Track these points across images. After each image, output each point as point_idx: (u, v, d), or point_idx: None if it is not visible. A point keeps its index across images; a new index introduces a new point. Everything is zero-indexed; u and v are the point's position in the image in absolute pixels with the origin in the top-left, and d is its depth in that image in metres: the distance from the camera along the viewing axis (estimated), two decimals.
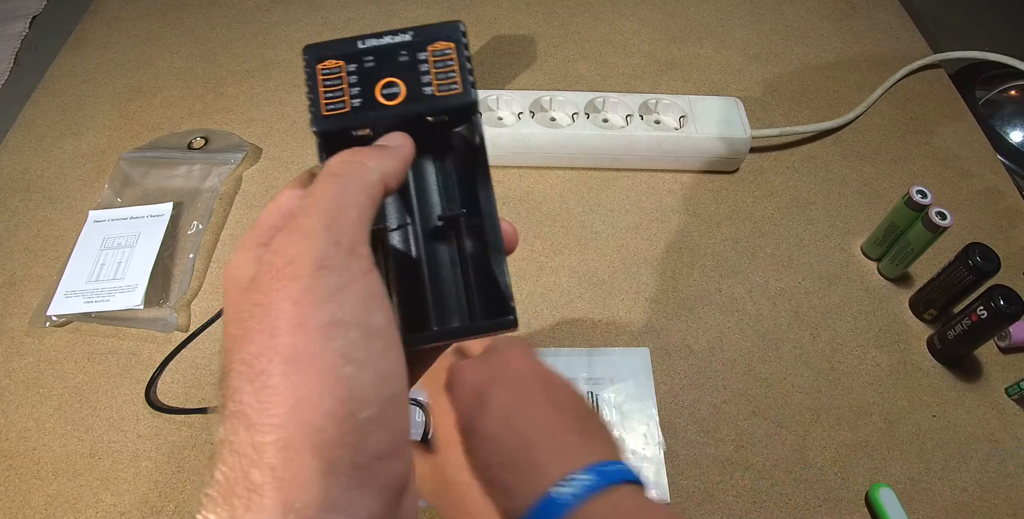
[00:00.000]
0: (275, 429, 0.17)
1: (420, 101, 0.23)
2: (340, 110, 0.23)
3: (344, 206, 0.20)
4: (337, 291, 0.18)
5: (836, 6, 0.75)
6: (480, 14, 0.73)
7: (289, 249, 0.18)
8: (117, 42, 0.70)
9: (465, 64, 0.24)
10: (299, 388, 0.17)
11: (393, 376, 0.19)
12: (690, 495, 0.42)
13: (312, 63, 0.24)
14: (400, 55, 0.24)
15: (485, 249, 0.24)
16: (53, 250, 0.53)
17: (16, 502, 0.41)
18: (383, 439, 0.18)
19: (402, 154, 0.22)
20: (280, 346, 0.18)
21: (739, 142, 0.56)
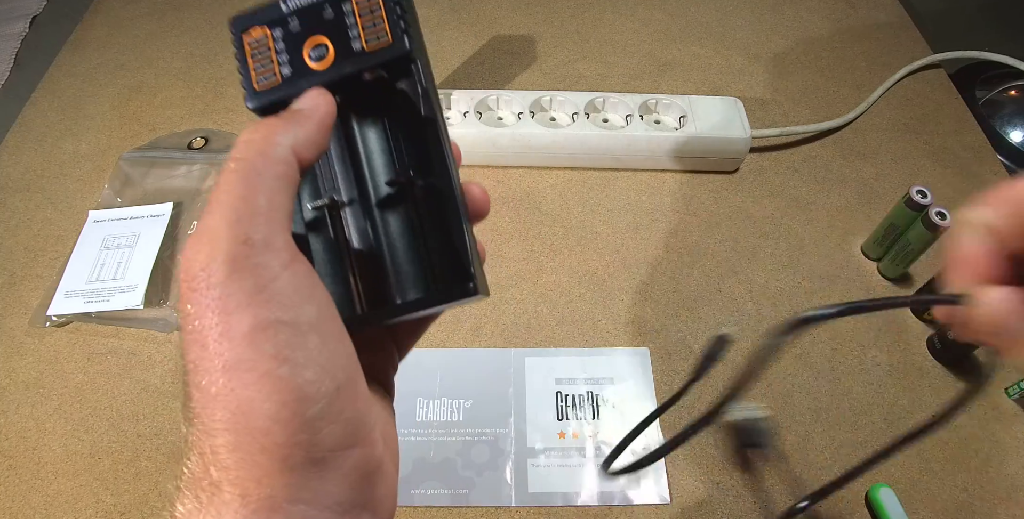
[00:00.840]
0: (223, 433, 0.17)
1: (349, 59, 0.21)
2: (271, 82, 0.22)
3: (248, 197, 0.18)
4: (257, 292, 0.17)
5: (836, 6, 0.75)
6: (480, 14, 0.73)
7: (199, 255, 0.17)
8: (117, 42, 0.70)
9: (394, 10, 0.21)
10: (238, 395, 0.17)
11: (336, 367, 0.18)
12: (690, 495, 0.42)
13: (238, 35, 0.22)
14: (324, 11, 0.22)
15: (442, 214, 0.22)
16: (53, 250, 0.53)
17: (16, 502, 0.41)
18: (335, 432, 0.18)
19: (315, 115, 0.20)
20: (212, 356, 0.17)
21: (739, 142, 0.56)
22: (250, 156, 0.19)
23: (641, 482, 0.42)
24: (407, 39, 0.21)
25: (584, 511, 0.42)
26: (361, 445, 0.19)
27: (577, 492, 0.42)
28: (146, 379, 0.47)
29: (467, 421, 0.45)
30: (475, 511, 0.41)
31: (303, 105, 0.21)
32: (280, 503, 0.17)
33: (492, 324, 0.49)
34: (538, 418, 0.45)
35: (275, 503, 0.17)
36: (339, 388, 0.18)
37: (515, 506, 0.42)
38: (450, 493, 0.42)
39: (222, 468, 0.17)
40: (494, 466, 0.43)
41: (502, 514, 0.41)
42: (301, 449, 0.17)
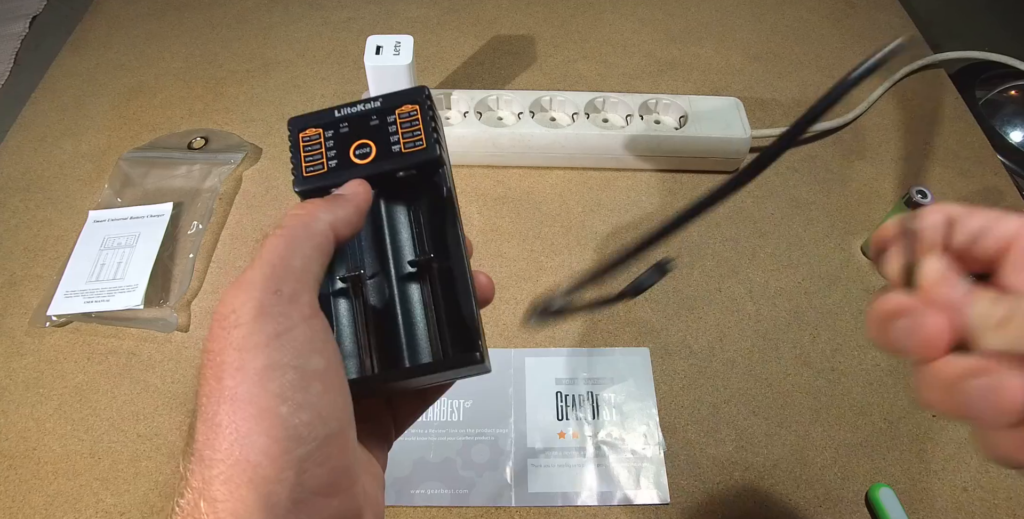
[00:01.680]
0: (218, 464, 0.19)
1: (389, 159, 0.26)
2: (319, 171, 0.26)
3: (287, 257, 0.21)
4: (275, 337, 0.20)
5: (836, 6, 0.75)
6: (480, 14, 0.73)
7: (233, 300, 0.20)
8: (117, 42, 0.70)
9: (429, 123, 0.26)
10: (239, 427, 0.19)
11: (330, 416, 0.20)
12: (690, 495, 0.42)
13: (295, 133, 0.27)
14: (371, 120, 0.26)
15: (454, 292, 0.25)
16: (53, 250, 0.53)
17: (16, 502, 0.41)
18: (320, 475, 0.19)
19: (354, 201, 0.24)
20: (224, 389, 0.19)
21: (739, 142, 0.56)
22: (294, 226, 0.22)
23: (641, 482, 0.42)
24: (438, 147, 0.26)
25: (584, 511, 0.42)
26: (342, 496, 0.20)
27: (577, 492, 0.42)
28: (146, 379, 0.47)
29: (467, 421, 0.45)
30: (475, 511, 0.41)
31: (345, 191, 0.25)
32: None
33: (492, 324, 0.49)
34: (538, 418, 0.45)
35: None
36: (330, 435, 0.20)
37: (515, 506, 0.42)
38: (450, 493, 0.42)
39: (211, 500, 0.18)
40: (494, 466, 0.43)
41: (502, 514, 0.41)
42: (285, 486, 0.18)
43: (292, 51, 0.69)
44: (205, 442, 0.19)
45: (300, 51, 0.69)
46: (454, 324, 0.25)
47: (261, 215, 0.56)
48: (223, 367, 0.19)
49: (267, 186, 0.58)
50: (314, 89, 0.65)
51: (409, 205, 0.27)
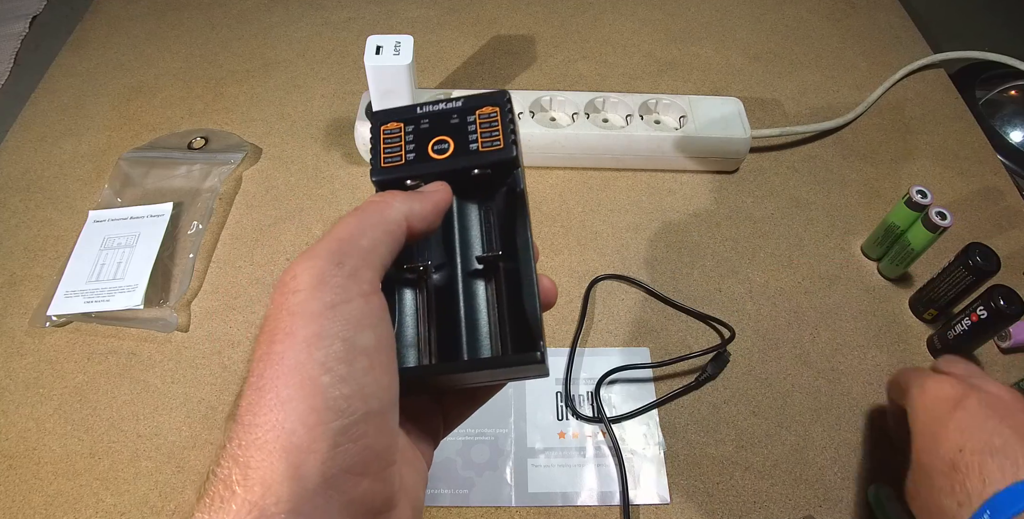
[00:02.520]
0: (256, 429, 0.18)
1: (465, 156, 0.26)
2: (396, 162, 0.26)
3: (356, 235, 0.22)
4: (330, 307, 0.20)
5: (836, 6, 0.75)
6: (480, 14, 0.73)
7: (296, 267, 0.20)
8: (117, 42, 0.70)
9: (508, 125, 0.26)
10: (280, 391, 0.19)
11: (373, 395, 0.20)
12: (690, 495, 0.42)
13: (377, 126, 0.27)
14: (452, 118, 0.27)
15: (519, 291, 0.25)
16: (53, 250, 0.53)
17: (16, 502, 0.41)
18: (353, 452, 0.19)
19: (433, 198, 0.24)
20: (273, 353, 0.19)
21: (739, 142, 0.56)
22: (369, 209, 0.23)
23: (641, 482, 0.42)
24: (515, 149, 0.26)
25: (584, 511, 0.42)
26: (373, 478, 0.20)
27: (577, 492, 0.42)
28: (146, 379, 0.47)
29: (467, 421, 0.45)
30: (475, 511, 0.41)
31: (426, 189, 0.25)
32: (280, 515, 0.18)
33: None
34: (538, 418, 0.45)
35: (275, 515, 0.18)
36: (368, 413, 0.19)
37: (515, 506, 0.42)
38: (450, 493, 0.42)
39: (244, 467, 0.18)
40: (494, 466, 0.43)
41: (502, 514, 0.41)
42: (316, 458, 0.18)
43: (292, 51, 0.69)
44: (247, 407, 0.19)
45: (300, 51, 0.69)
46: (516, 323, 0.25)
47: (261, 215, 0.56)
48: (275, 331, 0.19)
49: (267, 186, 0.58)
50: (314, 89, 0.65)
51: (481, 204, 0.28)
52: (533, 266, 0.25)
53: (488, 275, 0.27)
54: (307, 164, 0.59)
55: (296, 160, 0.60)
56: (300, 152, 0.60)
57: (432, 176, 0.26)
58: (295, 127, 0.62)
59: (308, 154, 0.60)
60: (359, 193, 0.57)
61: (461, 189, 0.27)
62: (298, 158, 0.60)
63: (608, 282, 0.52)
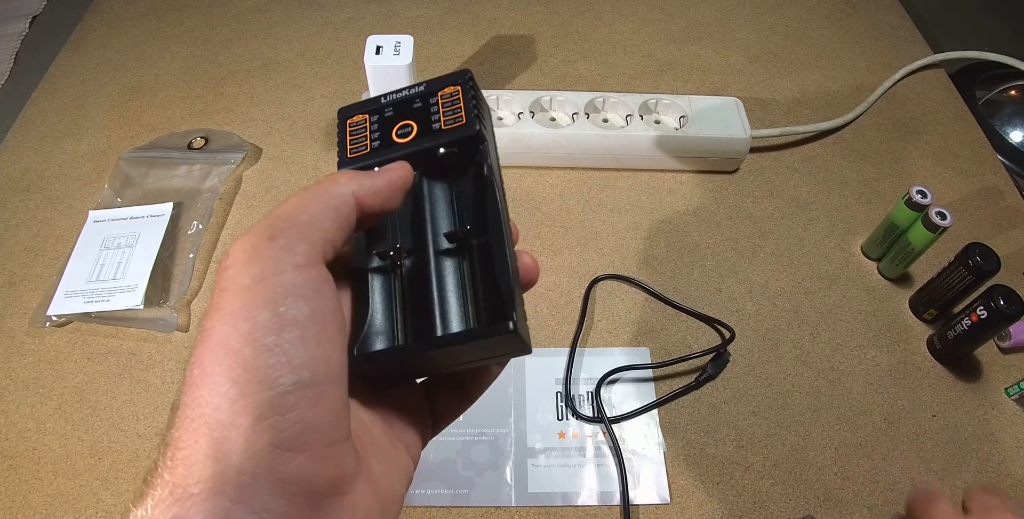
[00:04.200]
0: (184, 407, 0.18)
1: (428, 136, 0.26)
2: (361, 152, 0.26)
3: (295, 212, 0.21)
4: (259, 280, 0.19)
5: (836, 6, 0.75)
6: (480, 14, 0.73)
7: (233, 246, 0.20)
8: (117, 42, 0.70)
9: (470, 101, 0.26)
10: (204, 367, 0.18)
11: (304, 365, 0.19)
12: (690, 495, 0.42)
13: (343, 121, 0.27)
14: (415, 103, 0.27)
15: (492, 266, 0.25)
16: (53, 250, 0.53)
17: (16, 502, 0.41)
18: (281, 425, 0.18)
19: (388, 174, 0.24)
20: (204, 330, 0.19)
21: (739, 142, 0.56)
22: (315, 188, 0.22)
23: (641, 482, 0.42)
24: (478, 123, 0.26)
25: (584, 511, 0.42)
26: (310, 455, 0.18)
27: (577, 492, 0.42)
28: (146, 379, 0.47)
29: (467, 421, 0.45)
30: (475, 511, 0.41)
31: (382, 168, 0.25)
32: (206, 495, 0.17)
33: None
34: (538, 418, 0.45)
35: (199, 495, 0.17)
36: (299, 383, 0.18)
37: (515, 506, 0.42)
38: (450, 493, 0.42)
39: (173, 447, 0.18)
40: (494, 466, 0.43)
41: (502, 514, 0.41)
42: (240, 433, 0.17)
43: (292, 51, 0.69)
44: (183, 388, 0.19)
45: (300, 51, 0.69)
46: (491, 298, 0.24)
47: (261, 215, 0.55)
48: (209, 309, 0.19)
49: (267, 186, 0.58)
50: (314, 89, 0.65)
51: (451, 184, 0.28)
52: (506, 236, 0.25)
53: (461, 254, 0.26)
54: (307, 164, 0.59)
55: (296, 160, 0.60)
56: (300, 152, 0.60)
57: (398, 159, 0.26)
58: (295, 127, 0.62)
59: (308, 154, 0.60)
60: None
61: (430, 171, 0.27)
62: (298, 158, 0.60)
63: (608, 282, 0.52)
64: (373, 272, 0.26)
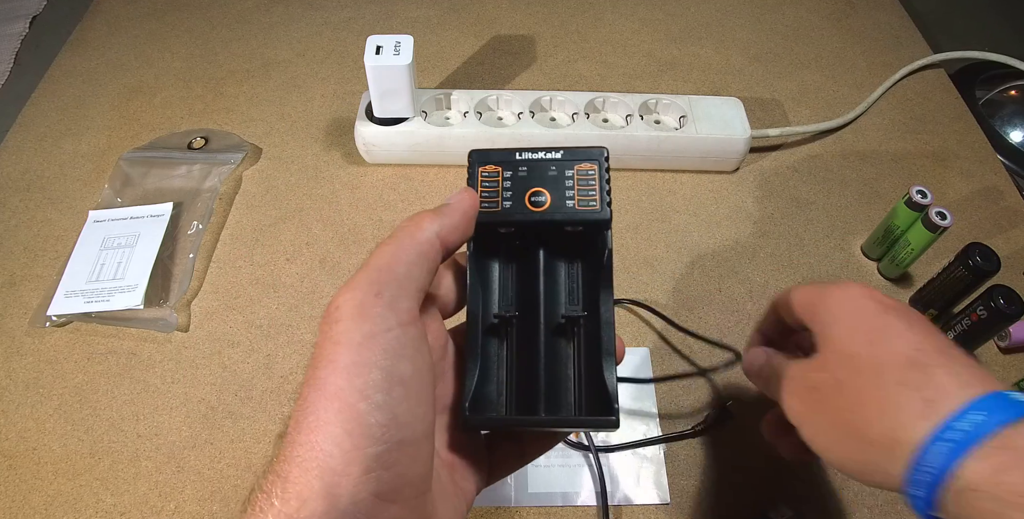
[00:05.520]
0: (298, 447, 0.20)
1: (561, 211, 0.27)
2: (493, 209, 0.27)
3: (392, 263, 0.22)
4: (370, 336, 0.21)
5: (836, 6, 0.75)
6: (480, 14, 0.73)
7: (339, 298, 0.22)
8: (117, 42, 0.70)
9: (604, 185, 0.27)
10: (320, 414, 0.20)
11: (407, 424, 0.21)
12: (690, 495, 0.42)
13: (475, 165, 0.28)
14: (550, 170, 0.27)
15: (598, 351, 0.26)
16: (53, 250, 0.53)
17: (16, 502, 0.41)
18: (385, 478, 0.20)
19: (460, 208, 0.25)
20: (316, 378, 0.21)
21: (739, 142, 0.56)
22: (401, 235, 0.23)
23: (641, 482, 0.42)
24: (609, 210, 0.27)
25: (584, 511, 0.42)
26: (402, 505, 0.21)
27: (577, 492, 0.42)
28: (146, 379, 0.47)
29: None
30: (475, 511, 0.41)
31: (451, 201, 0.26)
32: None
33: None
34: None
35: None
36: (403, 441, 0.21)
37: (515, 506, 0.42)
38: None
39: (284, 480, 0.20)
40: None
41: (502, 514, 0.41)
42: (349, 481, 0.19)
43: (292, 51, 0.69)
44: (294, 425, 0.20)
45: (300, 51, 0.69)
46: (593, 383, 0.26)
47: (261, 215, 0.56)
48: (320, 358, 0.21)
49: (267, 186, 0.58)
50: (314, 89, 0.65)
51: (569, 259, 0.29)
52: (613, 331, 0.26)
53: (570, 331, 0.27)
54: (307, 164, 0.59)
55: (296, 160, 0.60)
56: (300, 152, 0.60)
57: (526, 226, 0.27)
58: (295, 127, 0.62)
59: (308, 154, 0.60)
60: (359, 193, 0.57)
61: (551, 242, 0.28)
62: (298, 158, 0.60)
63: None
64: (486, 331, 0.27)
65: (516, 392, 0.26)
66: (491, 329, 0.27)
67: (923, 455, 0.24)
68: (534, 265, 0.28)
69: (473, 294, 0.27)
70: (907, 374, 0.26)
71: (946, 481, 0.24)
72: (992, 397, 0.24)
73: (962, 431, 0.24)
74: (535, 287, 0.28)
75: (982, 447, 0.23)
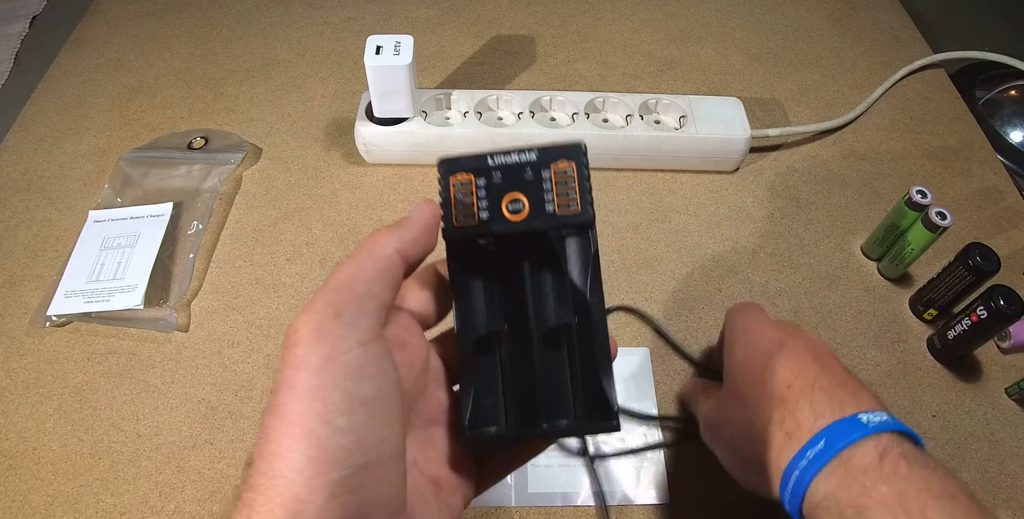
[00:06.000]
0: (260, 475, 0.19)
1: (541, 218, 0.25)
2: (470, 223, 0.26)
3: (350, 283, 0.22)
4: (328, 359, 0.20)
5: (836, 6, 0.75)
6: (480, 14, 0.73)
7: (297, 321, 0.21)
8: (117, 42, 0.70)
9: (584, 184, 0.26)
10: (282, 442, 0.19)
11: (372, 446, 0.20)
12: (690, 495, 0.42)
13: (446, 175, 0.26)
14: (525, 173, 0.26)
15: (592, 356, 0.26)
16: (53, 250, 0.53)
17: (16, 502, 0.41)
18: (350, 503, 0.19)
19: (419, 220, 0.24)
20: (276, 405, 0.20)
21: (739, 142, 0.56)
22: (360, 252, 0.23)
23: (641, 482, 0.42)
24: (591, 210, 0.25)
25: (584, 511, 0.42)
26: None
27: (577, 492, 0.42)
28: (146, 379, 0.47)
29: None
30: (475, 511, 0.41)
31: (411, 214, 0.25)
32: None
33: None
34: None
35: None
36: (367, 464, 0.20)
37: (515, 506, 0.42)
38: None
39: (250, 508, 0.19)
40: None
41: (502, 514, 0.41)
42: (313, 508, 0.19)
43: (292, 51, 0.69)
44: (257, 454, 0.20)
45: (300, 51, 0.69)
46: (590, 388, 0.26)
47: (261, 215, 0.56)
48: (280, 383, 0.20)
49: (267, 186, 0.58)
50: (314, 89, 0.65)
51: (555, 263, 0.27)
52: (606, 335, 0.26)
53: (561, 338, 0.27)
54: (307, 164, 0.59)
55: (296, 160, 0.60)
56: (300, 152, 0.60)
57: (506, 236, 0.26)
58: (295, 127, 0.62)
59: (308, 154, 0.60)
60: (359, 193, 0.57)
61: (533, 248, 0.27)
62: (298, 158, 0.60)
63: (609, 280, 0.52)
64: (476, 346, 0.26)
65: (514, 404, 0.26)
66: (481, 343, 0.26)
67: (785, 479, 0.31)
68: (519, 274, 0.27)
69: (459, 311, 0.26)
70: (775, 412, 0.33)
71: (805, 498, 0.29)
72: (837, 424, 0.30)
73: (807, 458, 0.30)
74: (522, 297, 0.27)
75: (824, 468, 0.29)
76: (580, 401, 0.26)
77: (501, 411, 0.26)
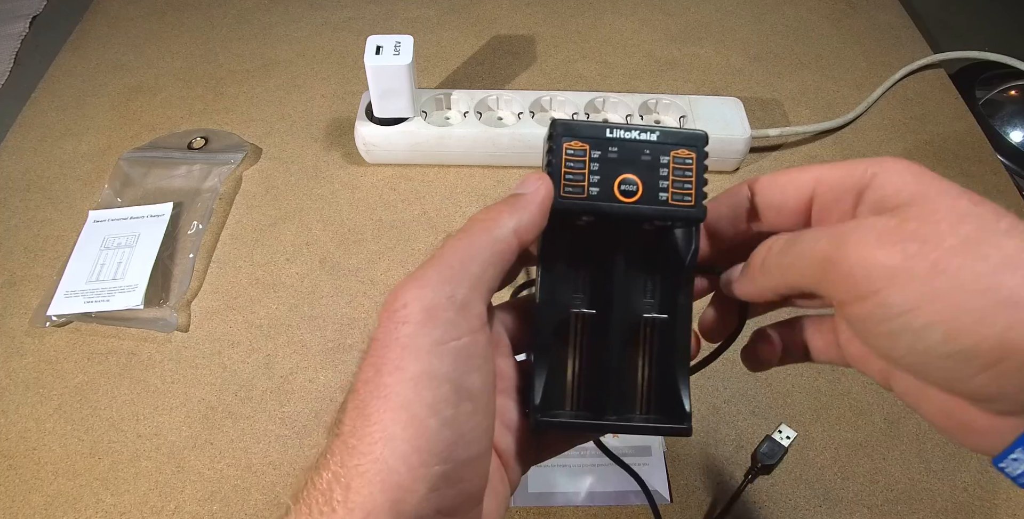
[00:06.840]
0: (360, 456, 0.19)
1: (653, 205, 0.24)
2: (578, 195, 0.24)
3: (465, 263, 0.20)
4: (440, 344, 0.19)
5: (836, 6, 0.75)
6: (480, 14, 0.73)
7: (406, 294, 0.20)
8: (117, 42, 0.70)
9: (702, 177, 0.25)
10: (387, 426, 0.19)
11: (474, 440, 0.20)
12: (690, 495, 0.42)
13: (559, 139, 0.24)
14: (644, 153, 0.24)
15: (673, 355, 0.25)
16: (53, 250, 0.53)
17: (16, 502, 0.41)
18: (448, 496, 0.19)
19: (536, 200, 0.22)
20: (381, 385, 0.19)
21: (739, 142, 0.56)
22: (477, 230, 0.21)
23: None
24: (704, 210, 0.24)
25: (584, 511, 0.42)
26: (462, 517, 0.20)
27: (577, 492, 0.42)
28: (146, 379, 0.47)
29: None
30: None
31: (525, 190, 0.23)
32: None
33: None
34: None
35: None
36: (468, 459, 0.20)
37: (515, 506, 0.42)
38: None
39: (346, 488, 0.19)
40: None
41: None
42: (414, 498, 0.19)
43: (292, 51, 0.69)
44: (352, 430, 0.19)
45: (300, 51, 0.69)
46: (665, 387, 0.25)
47: (261, 215, 0.56)
48: (384, 361, 0.19)
49: (267, 186, 0.58)
50: (314, 89, 0.65)
51: (650, 255, 0.26)
52: (690, 334, 0.25)
53: (645, 331, 0.26)
54: (307, 164, 0.59)
55: (296, 160, 0.59)
56: (300, 152, 0.60)
57: (612, 217, 0.24)
58: (295, 127, 0.62)
59: (308, 154, 0.60)
60: (359, 193, 0.57)
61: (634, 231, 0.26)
62: (298, 158, 0.60)
63: None
64: (555, 325, 0.25)
65: (584, 392, 0.25)
66: (560, 322, 0.25)
67: None
68: (613, 258, 0.25)
69: (543, 285, 0.25)
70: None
71: None
72: None
73: None
74: (610, 282, 0.25)
75: None
76: (652, 399, 0.25)
77: (570, 395, 0.25)
